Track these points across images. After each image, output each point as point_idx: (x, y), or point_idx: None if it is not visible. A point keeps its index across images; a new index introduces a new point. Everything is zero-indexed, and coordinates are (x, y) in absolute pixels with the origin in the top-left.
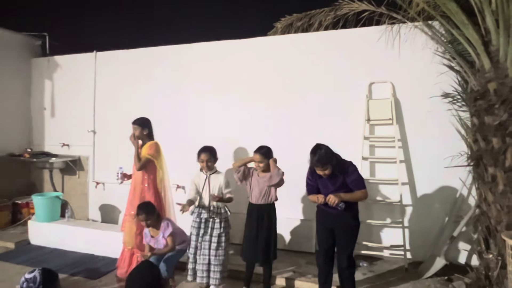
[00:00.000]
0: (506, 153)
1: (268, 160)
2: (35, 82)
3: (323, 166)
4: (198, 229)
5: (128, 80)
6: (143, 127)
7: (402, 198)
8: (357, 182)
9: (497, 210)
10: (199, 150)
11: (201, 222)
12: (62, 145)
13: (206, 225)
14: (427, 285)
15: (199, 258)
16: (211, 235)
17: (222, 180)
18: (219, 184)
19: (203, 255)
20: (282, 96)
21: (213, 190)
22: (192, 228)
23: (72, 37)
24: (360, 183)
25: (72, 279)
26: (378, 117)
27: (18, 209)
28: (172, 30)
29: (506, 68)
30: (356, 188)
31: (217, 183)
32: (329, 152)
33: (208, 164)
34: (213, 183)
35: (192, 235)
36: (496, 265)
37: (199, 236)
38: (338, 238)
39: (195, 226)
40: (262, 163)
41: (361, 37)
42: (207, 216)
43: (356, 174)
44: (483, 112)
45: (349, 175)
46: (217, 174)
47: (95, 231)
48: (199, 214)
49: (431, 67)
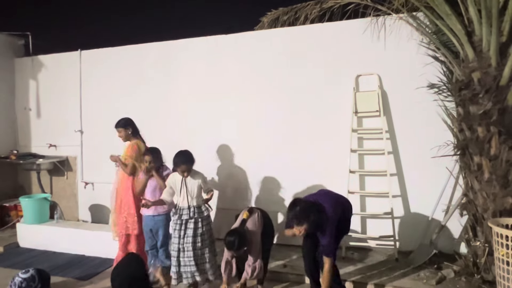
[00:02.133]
0: (491, 142)
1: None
2: (19, 82)
3: (297, 224)
4: (179, 231)
5: (114, 78)
6: (126, 127)
7: (390, 189)
8: (325, 247)
9: (483, 198)
10: (176, 160)
11: (182, 223)
12: (49, 145)
13: (187, 226)
14: (417, 274)
15: (183, 261)
16: (194, 235)
17: (200, 178)
18: (197, 184)
19: (187, 257)
20: (268, 90)
21: (192, 191)
22: (173, 230)
23: (55, 36)
24: (327, 249)
25: (63, 281)
26: (365, 109)
27: (6, 212)
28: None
29: (489, 58)
30: (323, 253)
31: (194, 183)
32: (307, 209)
33: (188, 174)
34: (190, 183)
35: (174, 238)
36: (483, 252)
37: (180, 238)
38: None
39: (177, 228)
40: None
41: (347, 30)
42: (187, 217)
43: (327, 239)
44: (468, 102)
45: (322, 236)
46: (193, 174)
47: (86, 231)
48: (180, 216)
49: (416, 58)
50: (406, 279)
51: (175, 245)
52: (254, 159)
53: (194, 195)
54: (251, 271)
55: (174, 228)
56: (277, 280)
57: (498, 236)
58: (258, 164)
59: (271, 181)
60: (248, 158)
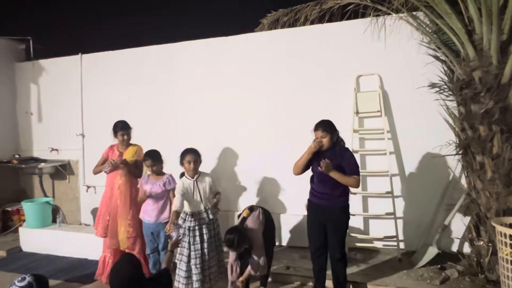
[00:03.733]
0: (493, 141)
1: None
2: (21, 86)
3: (323, 130)
4: (189, 237)
5: (115, 82)
6: (129, 129)
7: (393, 189)
8: (353, 167)
9: (486, 197)
10: (183, 152)
11: (190, 229)
12: (51, 150)
13: (199, 233)
14: (420, 274)
15: (195, 268)
16: (204, 241)
17: (209, 179)
18: (208, 185)
19: (198, 263)
20: (269, 92)
21: (205, 193)
22: (183, 235)
23: (56, 40)
24: (356, 169)
25: (66, 285)
26: (366, 110)
27: (8, 216)
28: (157, 29)
29: (490, 56)
30: (351, 173)
31: (205, 185)
32: (333, 124)
33: (195, 166)
34: (201, 186)
35: (184, 242)
36: (487, 252)
37: (191, 244)
38: (330, 232)
39: (186, 234)
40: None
41: (347, 30)
42: (198, 222)
43: (354, 160)
44: (469, 101)
45: (346, 159)
46: (202, 176)
47: (88, 235)
48: (190, 221)
49: (417, 58)
50: (409, 279)
51: (185, 250)
52: (255, 160)
53: (207, 197)
54: (256, 267)
55: (184, 233)
56: (280, 282)
57: (501, 236)
58: (259, 164)
59: (272, 182)
60: (249, 159)
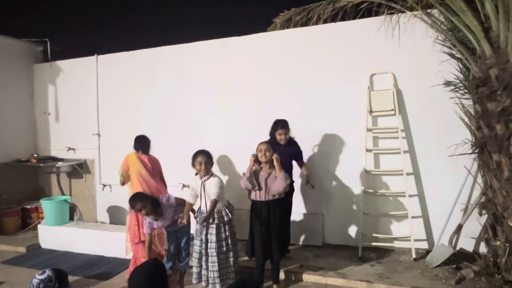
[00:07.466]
0: (510, 139)
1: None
2: (38, 87)
3: (286, 128)
4: (201, 235)
5: (130, 82)
6: None
7: (407, 188)
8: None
9: (503, 197)
10: (194, 154)
11: (203, 228)
12: (68, 149)
13: (209, 232)
14: (435, 274)
15: (208, 265)
16: (218, 240)
17: (214, 181)
18: (213, 186)
19: (211, 262)
20: (282, 92)
21: (209, 195)
22: (195, 233)
23: (73, 41)
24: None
25: (84, 281)
26: (380, 108)
27: (27, 214)
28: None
29: (507, 54)
30: (300, 159)
31: (212, 187)
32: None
33: (207, 167)
34: (208, 188)
35: (196, 240)
36: (504, 252)
37: (203, 242)
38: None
39: (198, 231)
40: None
41: (360, 29)
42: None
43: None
44: (486, 99)
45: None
46: (212, 179)
47: (104, 232)
48: (201, 219)
49: (432, 56)
50: (424, 279)
51: (197, 247)
52: None
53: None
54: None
55: (196, 230)
56: (292, 280)
57: None
58: None
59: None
60: None
